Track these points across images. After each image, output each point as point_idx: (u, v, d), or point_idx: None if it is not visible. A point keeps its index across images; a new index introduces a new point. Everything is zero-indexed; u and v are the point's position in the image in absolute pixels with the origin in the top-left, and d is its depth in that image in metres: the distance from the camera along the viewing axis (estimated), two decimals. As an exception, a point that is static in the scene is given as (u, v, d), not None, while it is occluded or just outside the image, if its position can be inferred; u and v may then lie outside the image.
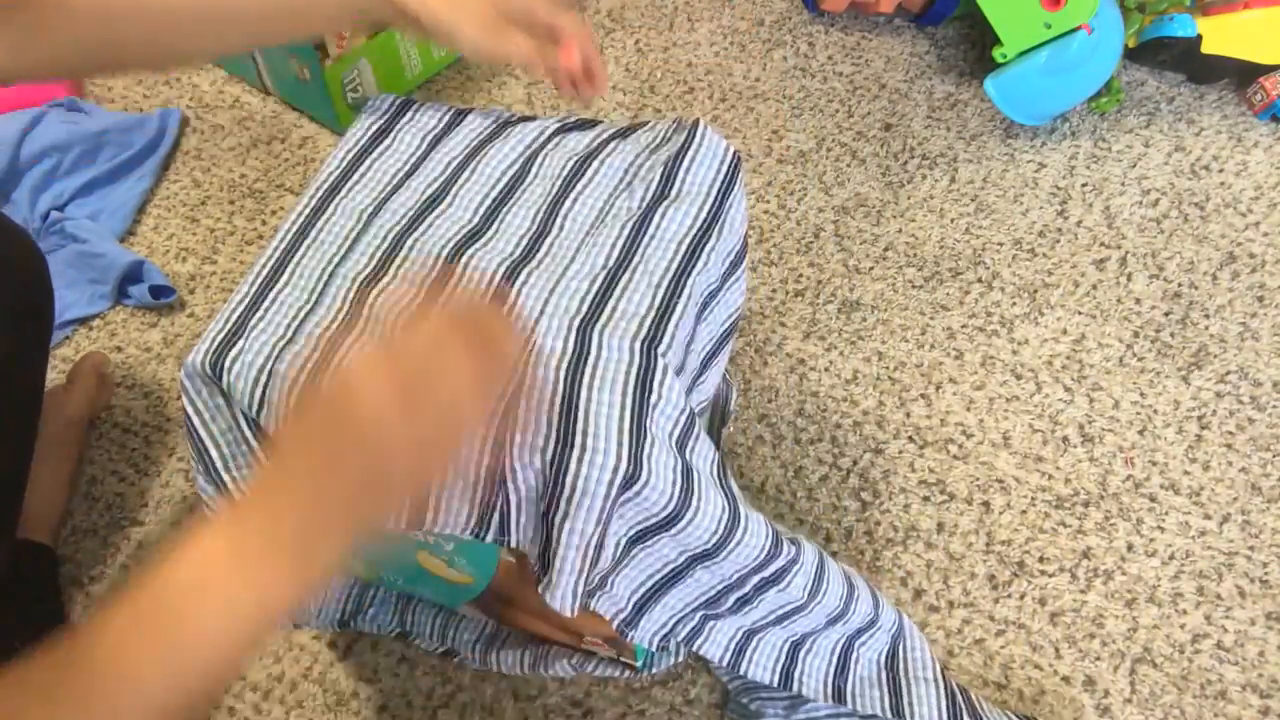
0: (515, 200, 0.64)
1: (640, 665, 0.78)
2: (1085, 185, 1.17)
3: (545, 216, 0.63)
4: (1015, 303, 1.06)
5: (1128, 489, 0.92)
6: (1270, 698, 0.80)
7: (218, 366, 0.54)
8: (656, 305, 0.57)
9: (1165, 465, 0.94)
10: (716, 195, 0.62)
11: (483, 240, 0.61)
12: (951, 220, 1.14)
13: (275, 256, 0.60)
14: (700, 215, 0.61)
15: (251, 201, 1.20)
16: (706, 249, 0.60)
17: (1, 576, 0.75)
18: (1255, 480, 0.92)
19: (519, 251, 0.60)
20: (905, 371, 1.01)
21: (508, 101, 1.30)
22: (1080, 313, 1.05)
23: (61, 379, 1.00)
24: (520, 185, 0.64)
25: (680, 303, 0.57)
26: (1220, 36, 1.19)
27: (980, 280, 1.08)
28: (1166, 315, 1.04)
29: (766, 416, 0.98)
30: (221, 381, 0.55)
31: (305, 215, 0.62)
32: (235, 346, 0.55)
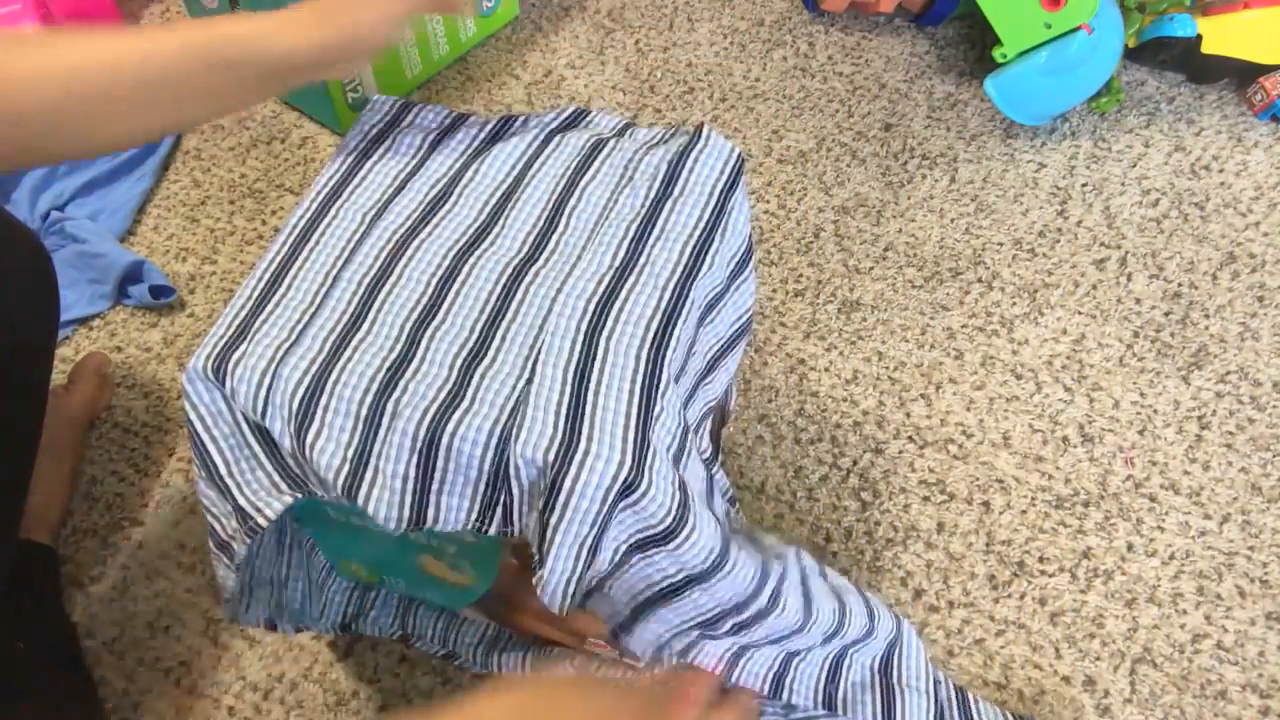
0: (520, 198, 0.64)
1: (643, 666, 0.78)
2: (1085, 185, 1.17)
3: (551, 214, 0.63)
4: (1015, 303, 1.06)
5: (1128, 489, 0.92)
6: (1270, 698, 0.80)
7: (220, 370, 0.54)
8: (662, 310, 0.57)
9: (1165, 465, 0.94)
10: (720, 195, 0.63)
11: (489, 240, 0.61)
12: (951, 220, 1.14)
13: (278, 259, 0.60)
14: (704, 215, 0.61)
15: (251, 201, 1.20)
16: (710, 252, 0.60)
17: (3, 578, 0.75)
18: (1255, 480, 0.92)
19: (525, 250, 0.61)
20: (905, 371, 1.01)
21: (508, 101, 1.30)
22: (1080, 313, 1.05)
23: (62, 379, 1.00)
24: (524, 184, 0.64)
25: (685, 308, 0.57)
26: (1220, 36, 1.19)
27: (980, 280, 1.08)
28: (1166, 315, 1.05)
29: (766, 416, 0.98)
30: (224, 385, 0.54)
31: (307, 218, 0.62)
32: (238, 350, 0.55)
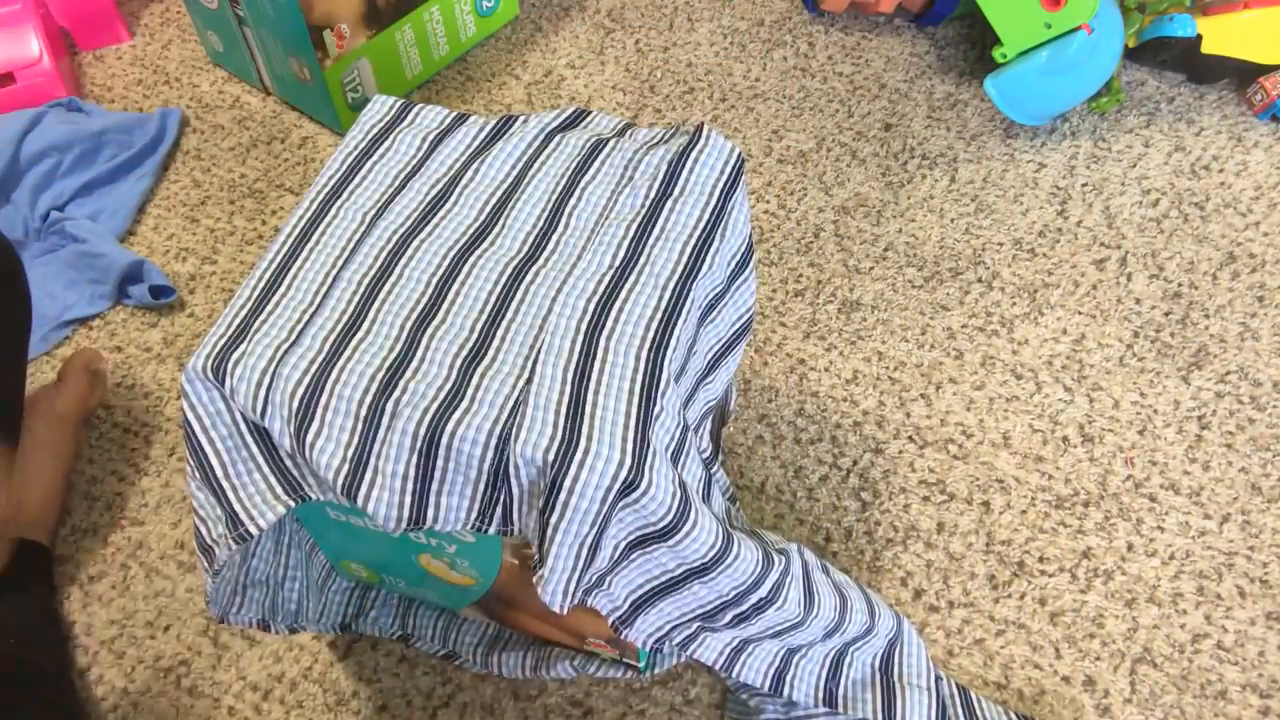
0: (520, 198, 0.64)
1: (643, 666, 0.78)
2: (1085, 185, 1.17)
3: (551, 214, 0.63)
4: (1015, 303, 1.06)
5: (1128, 489, 0.92)
6: (1270, 698, 0.80)
7: (220, 370, 0.54)
8: (662, 310, 0.57)
9: (1165, 465, 0.94)
10: (720, 195, 0.63)
11: (489, 240, 0.61)
12: (951, 220, 1.14)
13: (277, 259, 0.60)
14: (704, 215, 0.61)
15: (251, 201, 1.20)
16: (711, 252, 0.60)
17: None
18: (1255, 480, 0.92)
19: (526, 250, 0.61)
20: (905, 371, 1.01)
21: (508, 101, 1.30)
22: (1080, 313, 1.05)
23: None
24: (524, 183, 0.64)
25: (685, 308, 0.57)
26: (1220, 36, 1.19)
27: (980, 280, 1.08)
28: (1166, 315, 1.05)
29: (766, 416, 0.98)
30: (224, 385, 0.54)
31: (307, 218, 0.62)
32: (238, 350, 0.55)
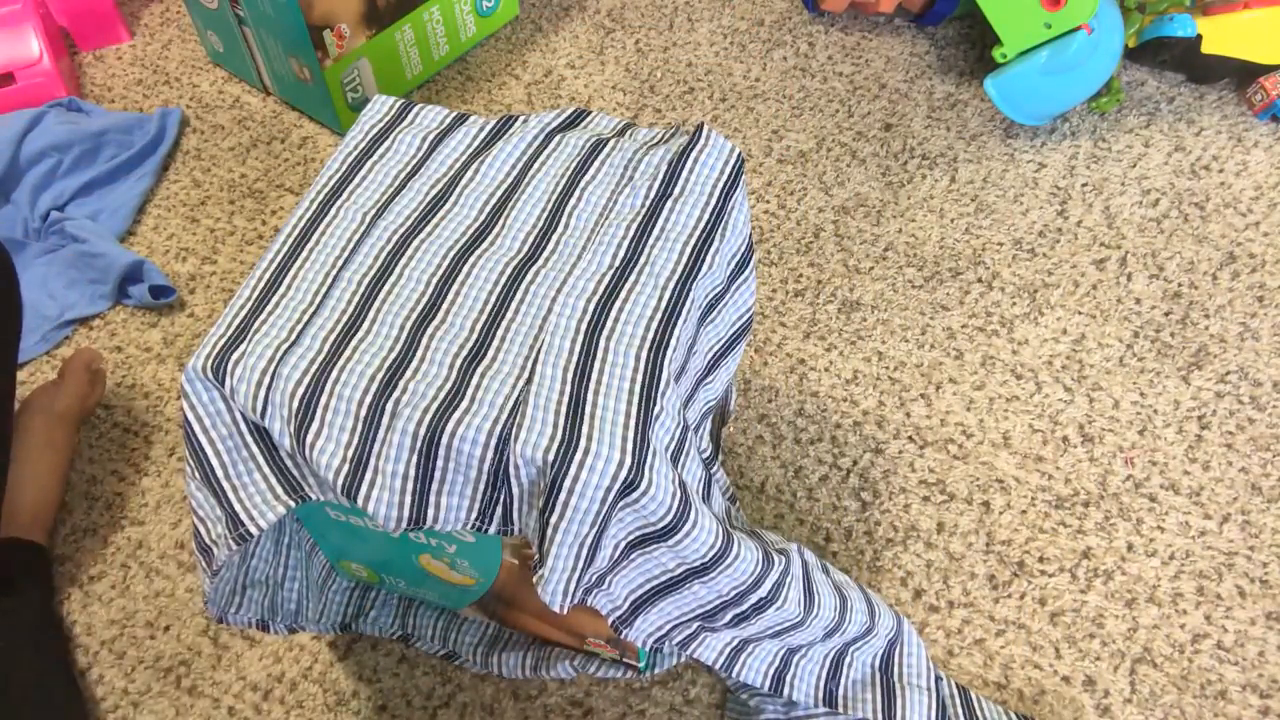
0: (520, 198, 0.64)
1: (643, 666, 0.78)
2: (1085, 185, 1.17)
3: (551, 214, 0.63)
4: (1015, 303, 1.06)
5: (1128, 489, 0.92)
6: (1270, 698, 0.80)
7: (220, 370, 0.54)
8: (662, 310, 0.57)
9: (1165, 465, 0.94)
10: (720, 195, 0.63)
11: (489, 240, 0.61)
12: (951, 220, 1.14)
13: (277, 259, 0.60)
14: (704, 215, 0.61)
15: (251, 201, 1.20)
16: (711, 252, 0.60)
17: None
18: (1255, 480, 0.92)
19: (525, 250, 0.61)
20: (905, 371, 1.01)
21: (508, 101, 1.30)
22: (1080, 313, 1.05)
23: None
24: (524, 183, 0.64)
25: (685, 308, 0.57)
26: (1220, 36, 1.19)
27: (980, 280, 1.08)
28: (1166, 315, 1.05)
29: (766, 416, 0.98)
30: (224, 385, 0.54)
31: (307, 218, 0.62)
32: (238, 350, 0.55)
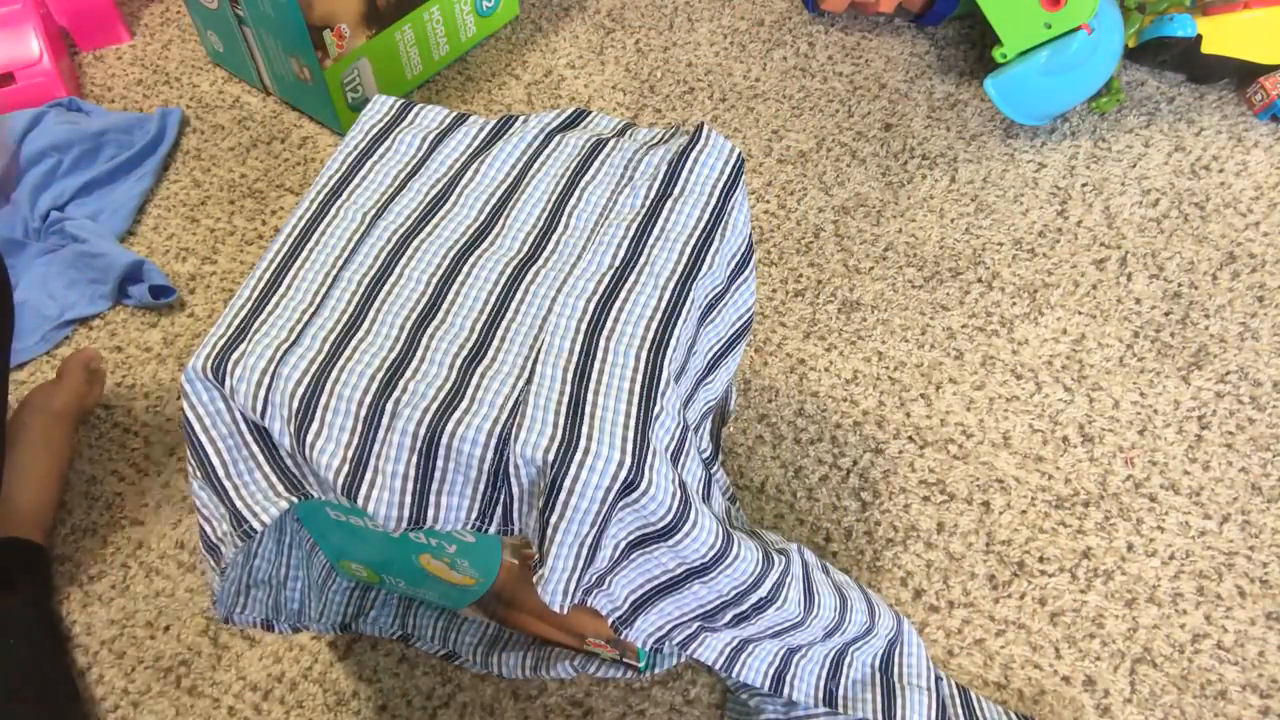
0: (520, 198, 0.64)
1: (643, 666, 0.78)
2: (1085, 185, 1.17)
3: (551, 214, 0.63)
4: (1015, 303, 1.06)
5: (1128, 489, 0.92)
6: (1270, 698, 0.80)
7: (220, 370, 0.54)
8: (662, 310, 0.57)
9: (1165, 465, 0.94)
10: (720, 194, 0.63)
11: (489, 240, 0.61)
12: (951, 220, 1.14)
13: (277, 259, 0.60)
14: (704, 215, 0.61)
15: (251, 201, 1.20)
16: (711, 252, 0.60)
17: None
18: (1255, 480, 0.92)
19: (525, 250, 0.61)
20: (905, 371, 1.01)
21: (508, 101, 1.30)
22: (1080, 313, 1.05)
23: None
24: (524, 183, 0.64)
25: (685, 308, 0.57)
26: (1220, 36, 1.19)
27: (980, 280, 1.08)
28: (1166, 315, 1.05)
29: (766, 416, 0.98)
30: (224, 385, 0.55)
31: (307, 218, 0.62)
32: (238, 350, 0.55)
